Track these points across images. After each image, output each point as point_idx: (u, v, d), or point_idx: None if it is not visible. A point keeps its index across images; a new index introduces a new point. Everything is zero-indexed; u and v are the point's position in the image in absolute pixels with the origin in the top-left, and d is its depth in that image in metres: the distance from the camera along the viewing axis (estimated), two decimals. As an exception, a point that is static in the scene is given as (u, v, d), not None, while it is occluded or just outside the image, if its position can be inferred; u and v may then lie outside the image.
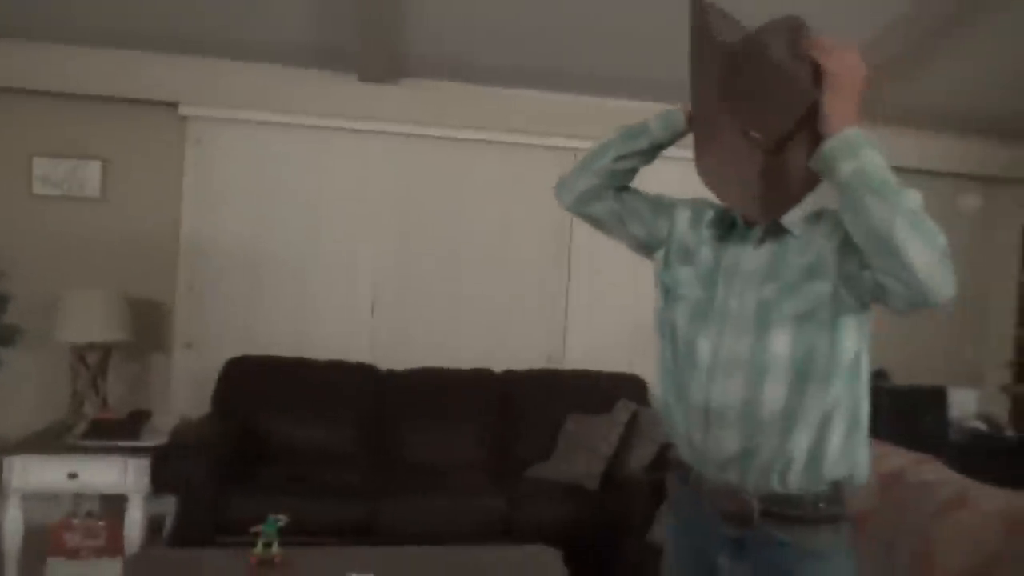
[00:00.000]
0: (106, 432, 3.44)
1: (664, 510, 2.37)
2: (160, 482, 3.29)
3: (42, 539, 3.42)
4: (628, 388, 4.17)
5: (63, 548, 3.47)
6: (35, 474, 3.29)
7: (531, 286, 4.57)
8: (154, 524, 3.55)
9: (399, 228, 4.44)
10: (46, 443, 3.42)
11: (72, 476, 3.30)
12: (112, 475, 3.34)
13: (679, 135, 1.60)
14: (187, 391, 4.16)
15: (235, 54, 4.09)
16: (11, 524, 3.25)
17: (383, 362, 4.23)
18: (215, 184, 4.25)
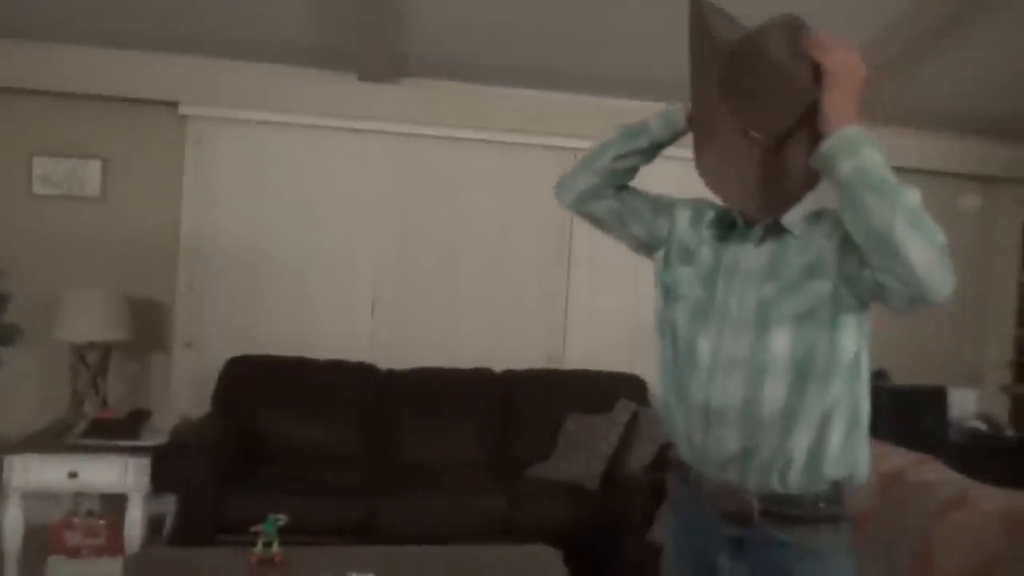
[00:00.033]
0: (106, 431, 3.44)
1: (664, 510, 2.37)
2: (160, 481, 3.29)
3: (43, 538, 3.43)
4: (628, 388, 4.17)
5: (63, 547, 3.48)
6: (35, 473, 3.29)
7: (531, 286, 4.57)
8: (154, 523, 3.55)
9: (399, 227, 4.44)
10: (46, 442, 3.42)
11: (72, 475, 3.30)
12: (112, 474, 3.34)
13: (679, 134, 1.61)
14: (187, 391, 4.16)
15: (235, 54, 4.09)
16: (11, 523, 3.26)
17: (383, 362, 4.23)
18: (215, 183, 4.25)
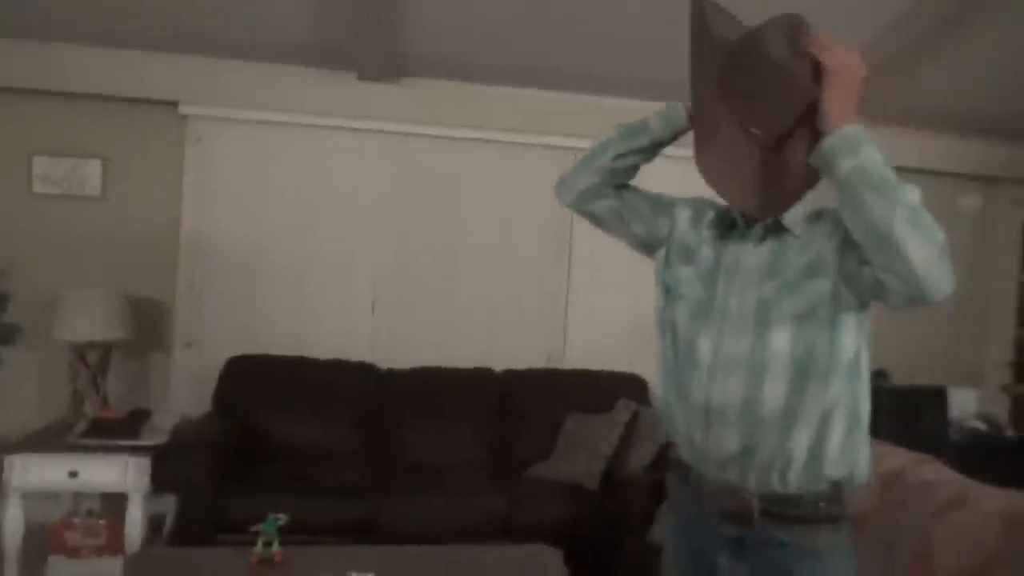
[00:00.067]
0: (106, 431, 3.44)
1: (664, 510, 2.37)
2: (160, 481, 3.29)
3: (43, 538, 3.43)
4: (628, 387, 4.17)
5: (64, 547, 3.48)
6: (35, 473, 3.29)
7: (531, 285, 4.57)
8: (154, 523, 3.55)
9: (399, 227, 4.44)
10: (46, 442, 3.42)
11: (72, 475, 3.30)
12: (112, 474, 3.34)
13: (680, 132, 1.60)
14: (187, 390, 4.16)
15: (235, 53, 4.09)
16: (12, 523, 3.25)
17: (383, 361, 4.23)
18: (215, 183, 4.24)
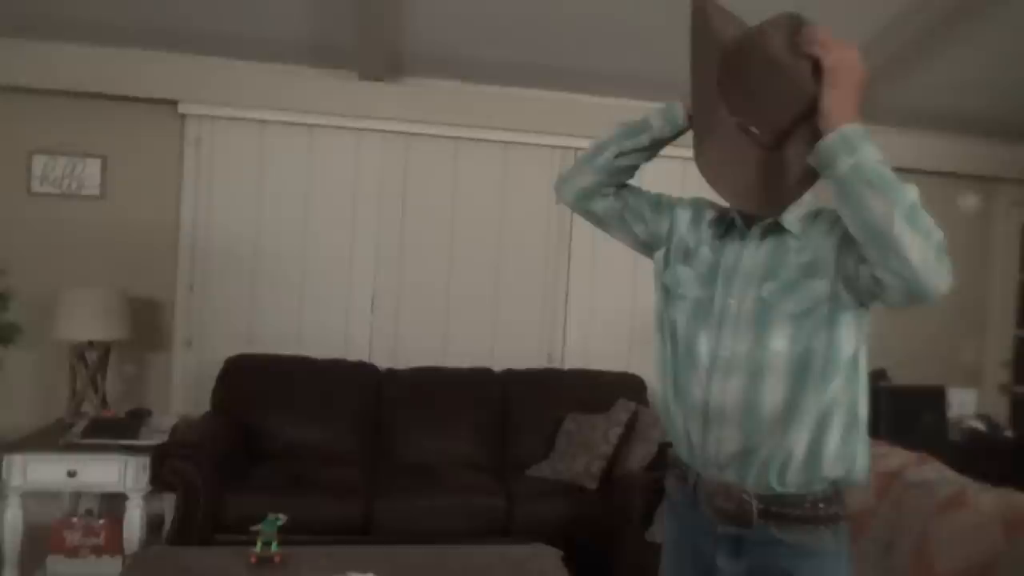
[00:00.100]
0: (105, 431, 3.44)
1: (663, 509, 2.37)
2: (159, 481, 3.29)
3: (42, 537, 3.43)
4: (627, 388, 4.17)
5: (63, 546, 3.48)
6: (35, 472, 3.29)
7: (530, 285, 4.57)
8: (153, 523, 3.55)
9: (398, 226, 4.44)
10: (46, 441, 3.41)
11: (71, 474, 3.30)
12: (111, 474, 3.34)
13: (680, 130, 1.59)
14: (186, 390, 4.16)
15: (234, 52, 4.09)
16: (11, 522, 3.26)
17: (382, 361, 4.24)
18: (214, 182, 4.24)
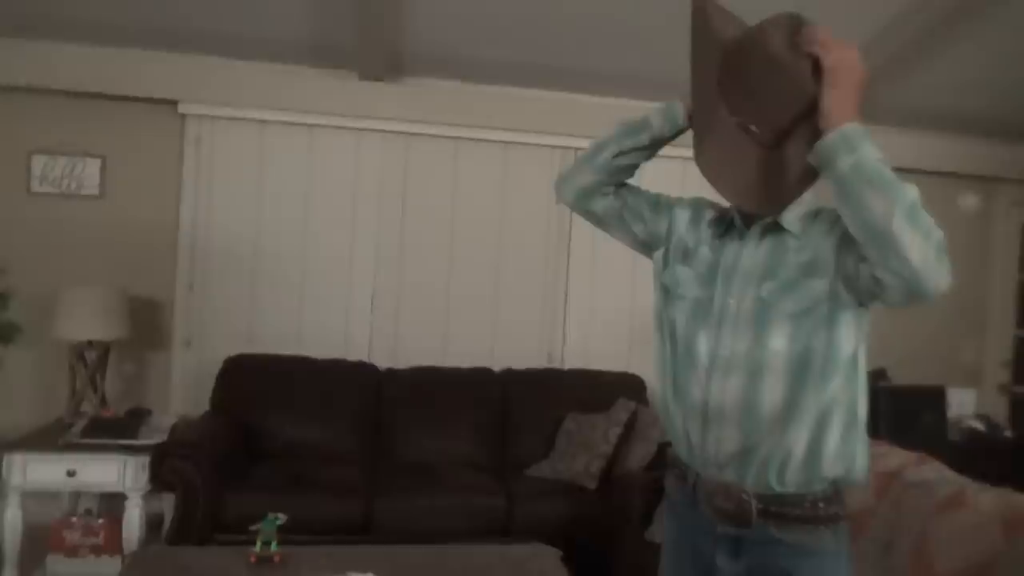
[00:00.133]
0: (105, 430, 3.44)
1: (662, 509, 2.37)
2: (159, 480, 3.29)
3: (41, 537, 3.43)
4: (627, 387, 4.17)
5: (62, 546, 3.48)
6: (34, 472, 3.29)
7: (530, 285, 4.57)
8: (153, 522, 3.55)
9: (398, 226, 4.44)
10: (45, 441, 3.41)
11: (71, 474, 3.30)
12: (111, 473, 3.34)
13: (680, 129, 1.59)
14: (186, 389, 4.16)
15: (234, 52, 4.08)
16: (10, 522, 3.26)
17: (382, 361, 4.23)
18: (214, 182, 4.24)
